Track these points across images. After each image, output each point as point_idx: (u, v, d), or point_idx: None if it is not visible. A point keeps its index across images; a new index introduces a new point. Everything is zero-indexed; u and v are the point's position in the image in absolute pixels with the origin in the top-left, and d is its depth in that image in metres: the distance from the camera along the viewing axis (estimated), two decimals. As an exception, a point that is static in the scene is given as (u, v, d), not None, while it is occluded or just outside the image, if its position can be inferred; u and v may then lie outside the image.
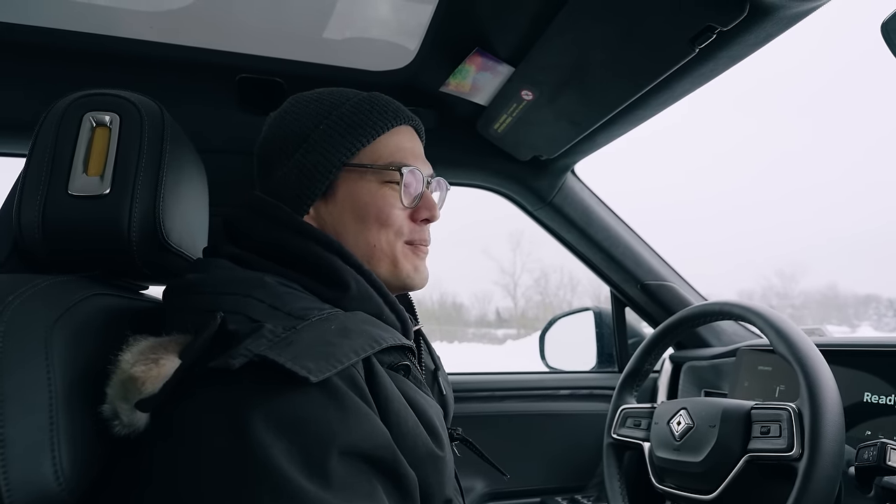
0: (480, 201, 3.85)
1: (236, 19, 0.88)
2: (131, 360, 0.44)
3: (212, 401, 0.42)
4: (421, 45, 0.93)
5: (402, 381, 0.53)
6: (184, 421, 0.42)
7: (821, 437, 0.66)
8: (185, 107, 0.85)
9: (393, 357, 0.54)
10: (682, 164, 72.78)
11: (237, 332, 0.44)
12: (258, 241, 0.57)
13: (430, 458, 0.50)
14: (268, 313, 0.47)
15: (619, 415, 0.95)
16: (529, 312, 22.66)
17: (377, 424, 0.45)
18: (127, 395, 0.43)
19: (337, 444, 0.41)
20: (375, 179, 0.61)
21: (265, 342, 0.43)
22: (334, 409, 0.43)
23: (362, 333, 0.49)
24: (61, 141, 0.54)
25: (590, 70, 0.82)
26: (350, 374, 0.45)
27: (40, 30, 0.85)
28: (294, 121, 0.62)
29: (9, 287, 0.44)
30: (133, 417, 0.43)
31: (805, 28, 0.64)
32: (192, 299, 0.50)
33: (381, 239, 0.61)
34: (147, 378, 0.43)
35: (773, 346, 0.76)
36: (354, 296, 0.55)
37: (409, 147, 0.64)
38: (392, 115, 0.63)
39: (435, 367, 0.71)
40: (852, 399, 0.89)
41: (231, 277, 0.52)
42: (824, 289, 24.37)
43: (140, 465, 0.44)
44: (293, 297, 0.51)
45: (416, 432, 0.50)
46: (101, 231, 0.53)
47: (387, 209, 0.61)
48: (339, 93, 0.64)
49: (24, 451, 0.39)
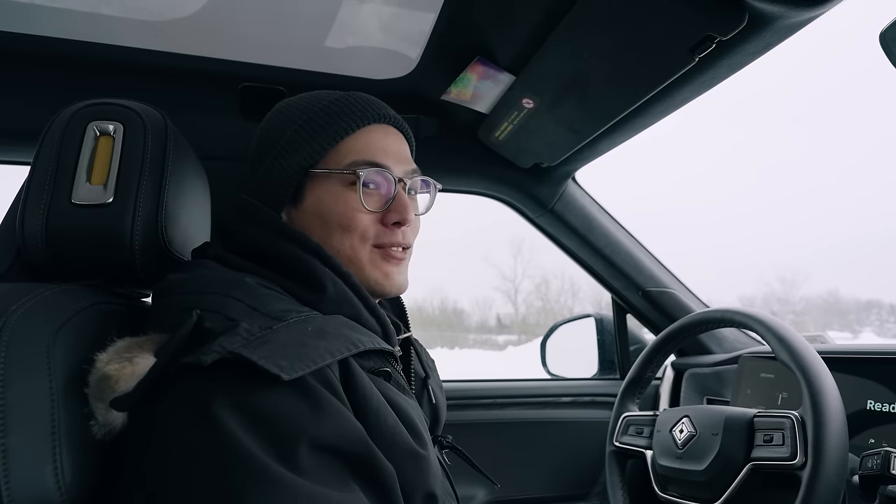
0: (481, 207, 3.85)
1: (239, 28, 0.89)
2: (106, 359, 0.44)
3: (183, 396, 0.42)
4: (422, 53, 0.94)
5: (383, 385, 0.53)
6: (158, 418, 0.42)
7: (824, 446, 0.66)
8: (189, 115, 0.85)
9: (373, 362, 0.54)
10: (682, 166, 73.02)
11: (213, 330, 0.44)
12: (242, 241, 0.58)
13: (410, 455, 0.50)
14: (246, 313, 0.47)
15: (622, 422, 0.95)
16: (530, 318, 22.62)
17: (350, 421, 0.45)
18: (102, 394, 0.43)
19: (306, 438, 0.41)
20: (339, 182, 0.60)
21: (239, 340, 0.43)
22: (306, 405, 0.43)
23: (339, 336, 0.49)
24: (65, 150, 0.54)
25: (590, 79, 0.82)
26: (324, 375, 0.45)
27: (45, 39, 0.86)
28: (269, 127, 0.63)
29: (12, 296, 0.44)
30: (108, 417, 0.43)
31: (808, 30, 0.64)
32: (171, 299, 0.50)
33: (345, 244, 0.59)
34: (120, 376, 0.43)
35: (775, 354, 0.76)
36: (331, 298, 0.55)
37: (380, 146, 0.61)
38: (360, 114, 0.61)
39: (425, 375, 0.70)
40: (855, 407, 0.89)
41: (212, 277, 0.52)
42: (826, 294, 24.34)
43: (123, 465, 0.44)
44: (272, 298, 0.51)
45: (395, 430, 0.50)
46: (104, 239, 0.53)
47: (349, 213, 0.59)
48: (315, 96, 0.63)
49: (26, 460, 0.39)
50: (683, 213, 51.50)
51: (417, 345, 0.72)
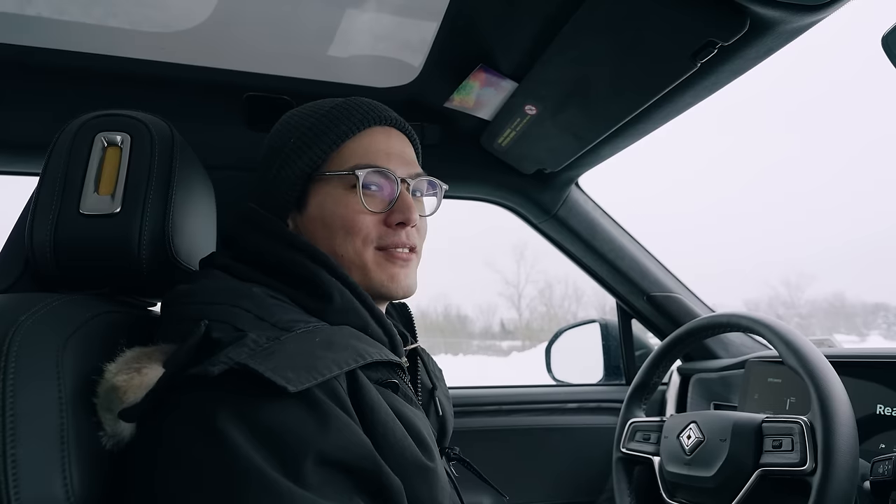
0: (484, 213, 3.86)
1: (243, 39, 0.90)
2: (115, 369, 0.44)
3: (190, 408, 0.42)
4: (425, 61, 0.95)
5: (391, 396, 0.53)
6: (164, 429, 0.42)
7: (834, 451, 0.65)
8: (195, 125, 0.86)
9: (381, 373, 0.54)
10: (683, 169, 72.84)
11: (220, 340, 0.44)
12: (248, 250, 0.58)
13: (418, 469, 0.50)
14: (254, 323, 0.47)
15: (628, 428, 0.94)
16: (534, 324, 22.55)
17: (357, 435, 0.45)
18: (110, 404, 0.43)
19: (312, 452, 0.41)
20: (340, 185, 0.60)
21: (246, 351, 0.43)
22: (312, 419, 0.43)
23: (347, 347, 0.49)
24: (73, 161, 0.55)
25: (592, 85, 0.82)
26: (332, 387, 0.45)
27: (53, 52, 0.87)
28: (276, 136, 0.63)
29: (21, 306, 0.45)
30: (117, 427, 0.43)
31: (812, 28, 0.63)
32: (180, 309, 0.50)
33: (348, 248, 0.59)
34: (129, 387, 0.43)
35: (782, 359, 0.75)
36: (338, 308, 0.54)
37: (381, 148, 0.61)
38: (360, 117, 0.61)
39: (433, 385, 0.69)
40: (865, 411, 0.88)
41: (220, 287, 0.52)
42: (831, 297, 24.15)
43: (129, 476, 0.44)
44: (280, 308, 0.51)
45: (403, 443, 0.49)
46: (112, 249, 0.53)
47: (350, 215, 0.59)
48: (318, 103, 0.64)
49: (35, 470, 0.39)
50: (684, 216, 51.32)
51: (425, 355, 0.72)
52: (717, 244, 48.48)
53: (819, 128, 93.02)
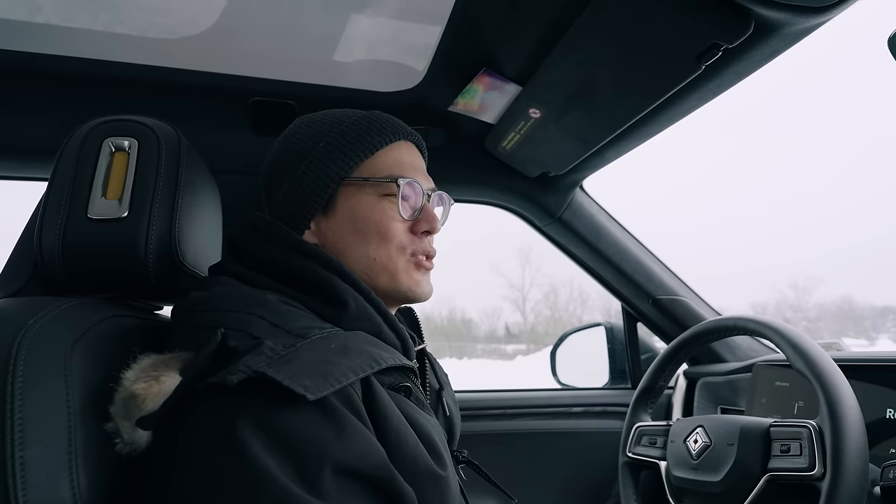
0: (489, 217, 3.87)
1: (249, 45, 0.90)
2: (133, 377, 0.44)
3: (208, 417, 0.42)
4: (429, 65, 0.95)
5: (403, 402, 0.53)
6: (182, 438, 0.42)
7: (843, 456, 0.64)
8: (201, 130, 0.87)
9: (393, 378, 0.54)
10: (687, 171, 72.61)
11: (237, 348, 0.45)
12: (259, 258, 0.58)
13: (431, 477, 0.50)
14: (269, 331, 0.48)
15: (634, 433, 0.94)
16: (539, 327, 22.49)
17: (373, 443, 0.45)
18: (128, 412, 0.43)
19: (330, 462, 0.41)
20: (374, 192, 0.61)
21: (264, 359, 0.43)
22: (329, 427, 0.43)
23: (362, 353, 0.49)
24: (81, 166, 0.55)
25: (596, 88, 0.82)
26: (347, 394, 0.45)
27: (61, 58, 0.88)
28: (297, 140, 0.64)
29: (30, 310, 0.45)
30: (134, 435, 0.43)
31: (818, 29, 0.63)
32: (195, 316, 0.50)
33: (382, 253, 0.61)
34: (147, 395, 0.43)
35: (790, 362, 0.75)
36: (353, 314, 0.55)
37: (408, 161, 0.64)
38: (390, 130, 0.64)
39: (440, 387, 0.70)
40: (874, 416, 0.87)
41: (234, 295, 0.52)
42: (839, 300, 23.89)
43: (145, 483, 0.44)
44: (295, 315, 0.51)
45: (416, 451, 0.49)
46: (119, 253, 0.54)
47: (385, 222, 0.61)
48: (342, 112, 0.66)
49: (43, 473, 0.40)
50: (689, 218, 51.12)
51: (431, 356, 0.73)
52: (723, 247, 48.20)
53: (824, 130, 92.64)
